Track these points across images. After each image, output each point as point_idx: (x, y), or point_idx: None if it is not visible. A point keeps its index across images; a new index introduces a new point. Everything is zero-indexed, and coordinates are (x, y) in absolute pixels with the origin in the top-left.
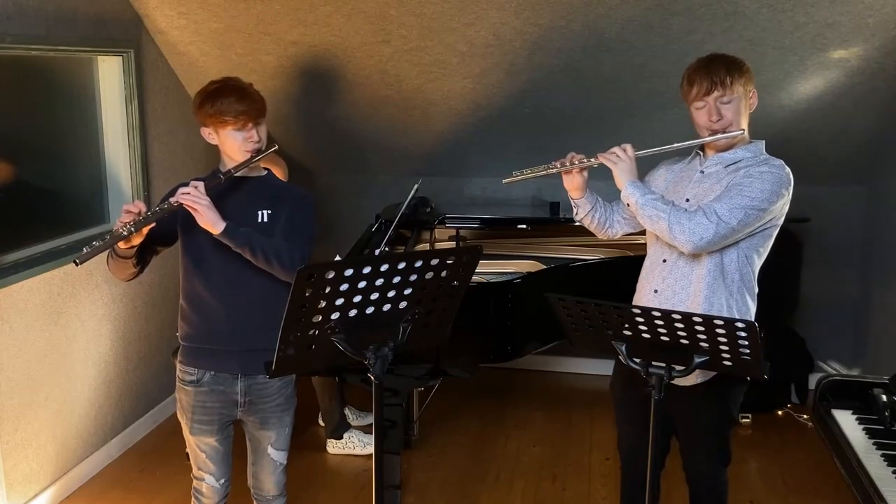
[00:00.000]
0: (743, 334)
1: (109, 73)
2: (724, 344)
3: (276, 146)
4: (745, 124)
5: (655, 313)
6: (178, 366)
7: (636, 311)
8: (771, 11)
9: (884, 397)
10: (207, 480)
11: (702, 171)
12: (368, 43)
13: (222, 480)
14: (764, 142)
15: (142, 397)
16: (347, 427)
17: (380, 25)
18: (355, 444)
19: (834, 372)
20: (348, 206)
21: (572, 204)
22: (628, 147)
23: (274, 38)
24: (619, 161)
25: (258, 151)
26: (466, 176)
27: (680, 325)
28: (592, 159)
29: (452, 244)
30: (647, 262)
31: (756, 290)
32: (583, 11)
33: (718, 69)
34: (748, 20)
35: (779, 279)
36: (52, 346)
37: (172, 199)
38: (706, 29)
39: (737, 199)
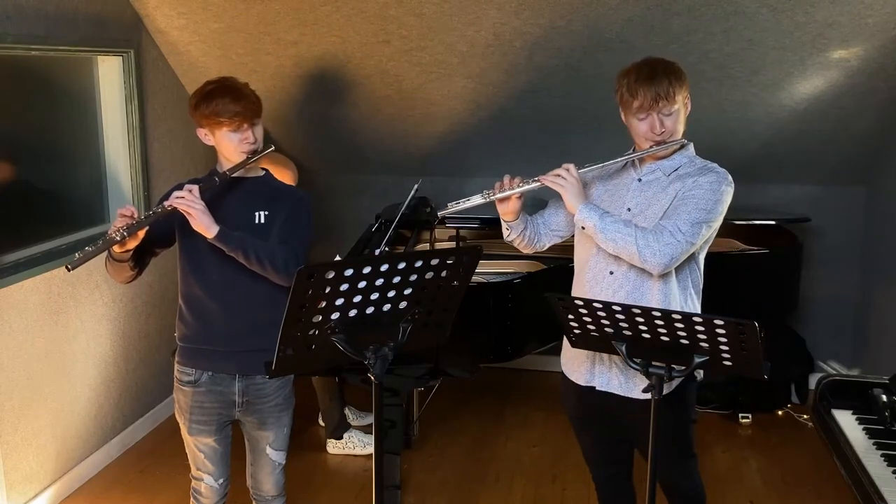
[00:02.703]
0: (743, 334)
1: (109, 73)
2: (724, 344)
3: (273, 147)
4: (682, 131)
5: (655, 313)
6: (176, 366)
7: (636, 310)
8: (771, 11)
9: (884, 397)
10: (206, 481)
11: (639, 179)
12: (368, 43)
13: (221, 480)
14: (692, 143)
15: (142, 397)
16: (347, 427)
17: (380, 25)
18: (355, 444)
19: (834, 372)
20: (348, 206)
21: (504, 226)
22: (571, 167)
23: (274, 38)
24: (567, 184)
25: (254, 152)
26: (466, 176)
27: (680, 325)
28: (534, 182)
29: (452, 244)
30: (587, 276)
31: (702, 284)
32: (583, 11)
33: (661, 81)
34: (748, 20)
35: (779, 279)
36: (52, 346)
37: (167, 203)
38: (706, 29)
39: (695, 213)
